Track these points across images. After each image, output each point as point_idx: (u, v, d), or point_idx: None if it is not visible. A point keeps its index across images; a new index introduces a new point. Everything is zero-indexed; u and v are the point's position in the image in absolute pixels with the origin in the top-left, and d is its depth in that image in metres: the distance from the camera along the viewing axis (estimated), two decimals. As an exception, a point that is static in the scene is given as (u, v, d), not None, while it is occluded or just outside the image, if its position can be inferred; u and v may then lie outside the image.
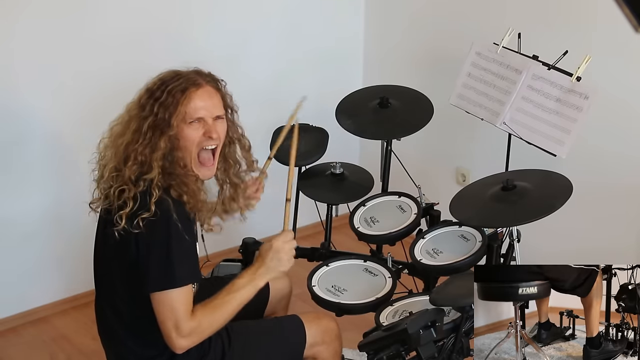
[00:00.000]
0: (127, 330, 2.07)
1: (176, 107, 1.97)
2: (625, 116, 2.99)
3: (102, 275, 2.13)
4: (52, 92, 3.13)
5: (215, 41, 3.49)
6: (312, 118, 3.09)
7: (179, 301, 1.92)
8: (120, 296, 2.05)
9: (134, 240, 1.92)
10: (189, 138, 2.00)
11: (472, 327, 2.10)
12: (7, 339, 3.20)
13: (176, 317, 1.91)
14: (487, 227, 2.46)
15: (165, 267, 1.91)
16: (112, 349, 2.16)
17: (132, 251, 1.93)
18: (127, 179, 1.95)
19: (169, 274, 1.91)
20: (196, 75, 2.04)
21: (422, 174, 3.05)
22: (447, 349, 2.10)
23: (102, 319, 2.15)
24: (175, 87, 1.99)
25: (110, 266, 2.05)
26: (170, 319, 1.92)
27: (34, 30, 3.00)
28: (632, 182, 3.01)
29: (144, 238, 1.91)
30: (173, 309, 1.91)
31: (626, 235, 3.08)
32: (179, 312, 1.91)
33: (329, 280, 2.46)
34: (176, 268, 1.92)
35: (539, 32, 3.01)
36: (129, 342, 2.08)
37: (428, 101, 2.96)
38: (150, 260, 1.92)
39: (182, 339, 1.93)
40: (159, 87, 2.00)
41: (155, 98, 1.99)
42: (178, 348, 1.94)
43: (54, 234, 3.27)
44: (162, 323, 1.93)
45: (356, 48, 4.00)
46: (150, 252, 1.92)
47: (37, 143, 3.14)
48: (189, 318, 1.93)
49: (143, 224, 1.89)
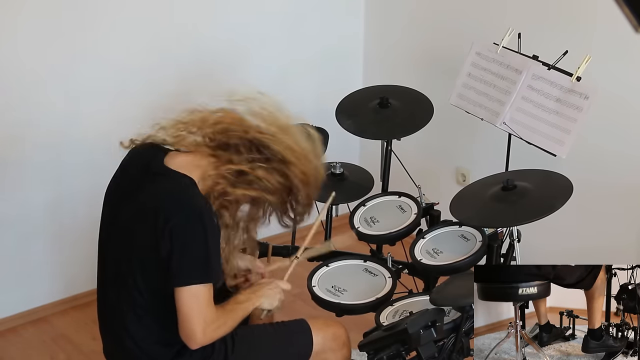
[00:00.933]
0: (140, 326, 2.02)
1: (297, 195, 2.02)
2: (625, 116, 2.99)
3: (114, 258, 2.06)
4: (52, 90, 3.12)
5: (216, 41, 3.49)
6: (312, 118, 3.10)
7: (209, 295, 1.91)
8: (139, 290, 1.98)
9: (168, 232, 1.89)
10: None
11: (472, 327, 2.10)
12: (7, 339, 3.20)
13: (202, 308, 1.90)
14: (487, 227, 2.46)
15: (202, 259, 1.91)
16: (116, 344, 2.11)
17: (163, 243, 1.89)
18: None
19: (205, 267, 1.91)
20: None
21: (422, 174, 3.05)
22: (447, 349, 2.10)
23: (112, 313, 2.08)
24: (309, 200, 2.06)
25: (128, 257, 1.99)
26: (200, 313, 1.90)
27: (38, 26, 3.01)
28: (632, 182, 3.01)
29: (180, 230, 1.90)
30: (203, 302, 1.90)
31: (626, 234, 3.08)
32: (204, 304, 1.90)
33: (329, 281, 2.46)
34: (212, 262, 1.92)
35: (539, 32, 3.01)
36: (136, 334, 2.02)
37: (428, 101, 2.96)
38: (185, 254, 1.90)
39: (207, 334, 1.92)
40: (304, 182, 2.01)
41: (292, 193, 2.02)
42: (199, 342, 1.93)
43: (54, 233, 3.27)
44: (190, 317, 1.89)
45: (356, 48, 4.00)
46: (187, 246, 1.90)
47: (36, 142, 3.14)
48: (215, 312, 1.94)
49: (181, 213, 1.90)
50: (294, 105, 4.00)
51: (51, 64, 3.09)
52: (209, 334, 1.94)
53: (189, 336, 1.92)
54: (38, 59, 3.06)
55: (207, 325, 1.92)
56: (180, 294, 1.90)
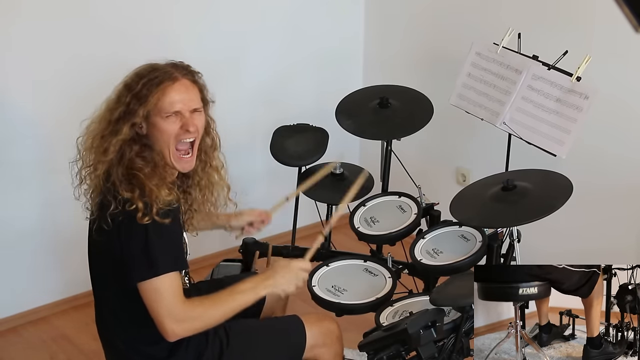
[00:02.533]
0: (126, 329, 2.08)
1: (146, 99, 1.97)
2: (625, 116, 2.99)
3: (95, 275, 2.14)
4: (47, 91, 3.12)
5: (217, 42, 3.49)
6: (312, 118, 3.10)
7: (165, 288, 1.92)
8: (115, 294, 2.05)
9: (116, 235, 1.93)
10: (166, 131, 2.00)
11: (472, 327, 2.10)
12: (7, 339, 3.20)
13: (167, 302, 1.91)
14: (487, 227, 2.46)
15: (145, 257, 1.92)
16: (112, 349, 2.16)
17: (116, 247, 1.95)
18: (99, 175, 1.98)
19: (150, 263, 1.91)
20: (172, 68, 2.03)
21: (422, 174, 3.05)
22: (447, 349, 2.10)
23: (101, 320, 2.16)
24: (150, 81, 1.98)
25: (101, 264, 2.07)
26: (160, 306, 1.91)
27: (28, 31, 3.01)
28: (632, 182, 3.01)
29: (122, 233, 1.93)
30: (161, 295, 1.91)
31: (626, 235, 3.08)
32: (168, 297, 1.92)
33: (329, 280, 2.46)
34: (158, 257, 1.92)
35: (539, 32, 3.01)
36: (128, 340, 2.08)
37: (428, 101, 2.96)
38: (131, 253, 1.92)
39: (175, 324, 1.92)
40: (135, 80, 2.00)
41: (130, 89, 1.99)
42: (171, 334, 1.93)
43: (53, 233, 3.27)
44: (154, 311, 1.93)
45: (356, 48, 4.00)
46: (130, 245, 1.92)
47: (33, 142, 3.14)
48: (181, 303, 1.94)
49: (119, 219, 1.91)
50: (294, 105, 4.04)
51: (54, 68, 3.09)
52: (180, 324, 1.93)
53: (161, 330, 1.94)
54: (38, 60, 3.06)
55: (174, 314, 1.92)
56: (140, 291, 1.94)
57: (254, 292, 2.06)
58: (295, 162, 2.85)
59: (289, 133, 2.94)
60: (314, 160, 2.86)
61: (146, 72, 2.01)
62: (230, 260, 2.78)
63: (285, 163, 2.85)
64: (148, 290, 1.93)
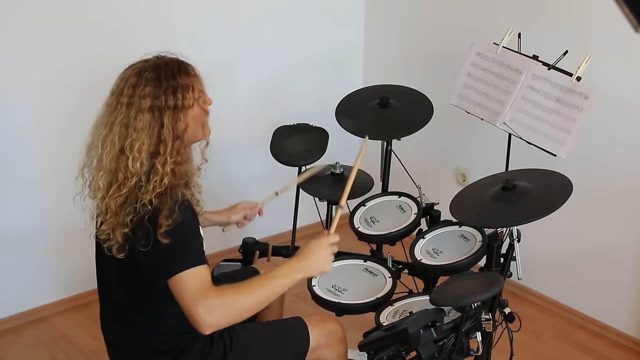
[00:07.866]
0: (133, 335, 2.06)
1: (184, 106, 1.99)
2: (625, 116, 2.99)
3: (107, 287, 2.10)
4: (49, 92, 3.13)
5: (219, 43, 3.49)
6: (312, 118, 3.10)
7: (196, 278, 1.86)
8: (127, 303, 2.03)
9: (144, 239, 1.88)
10: (201, 113, 2.03)
11: (472, 327, 2.11)
12: (7, 339, 3.20)
13: (198, 292, 1.84)
14: (487, 227, 2.46)
15: (175, 252, 1.87)
16: (117, 352, 2.14)
17: (140, 253, 1.89)
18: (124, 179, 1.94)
19: (179, 257, 1.87)
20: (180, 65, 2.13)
21: (422, 174, 3.06)
22: (447, 349, 2.10)
23: (107, 325, 2.14)
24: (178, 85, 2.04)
25: (119, 276, 2.02)
26: (193, 297, 1.84)
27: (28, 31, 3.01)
28: (632, 182, 3.02)
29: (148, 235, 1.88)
30: (192, 285, 1.85)
31: (626, 235, 3.08)
32: (199, 287, 1.85)
33: (329, 280, 2.46)
34: (189, 249, 1.89)
35: (539, 32, 3.02)
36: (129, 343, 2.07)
37: (428, 101, 2.96)
38: (158, 251, 1.87)
39: (208, 315, 1.83)
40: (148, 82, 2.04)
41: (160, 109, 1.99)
42: (205, 325, 1.85)
43: (53, 234, 3.28)
44: (187, 303, 1.85)
45: (356, 48, 4.00)
46: (157, 245, 1.87)
47: (35, 143, 3.15)
48: (212, 291, 1.86)
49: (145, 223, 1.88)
50: (295, 105, 4.04)
51: (57, 68, 3.09)
52: (213, 313, 1.84)
53: (195, 321, 1.86)
54: (40, 61, 3.06)
55: (206, 303, 1.83)
56: (171, 287, 1.88)
57: (290, 277, 1.96)
58: (295, 162, 2.85)
59: (289, 133, 2.94)
60: (314, 160, 2.86)
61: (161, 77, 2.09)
62: (230, 260, 2.78)
63: (285, 163, 2.85)
64: (179, 283, 1.85)
